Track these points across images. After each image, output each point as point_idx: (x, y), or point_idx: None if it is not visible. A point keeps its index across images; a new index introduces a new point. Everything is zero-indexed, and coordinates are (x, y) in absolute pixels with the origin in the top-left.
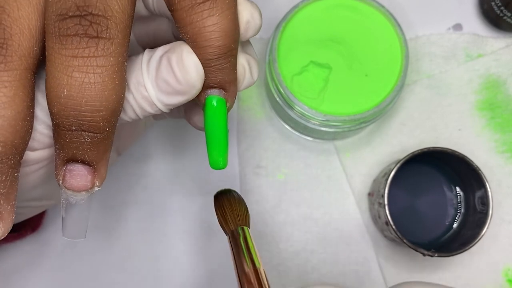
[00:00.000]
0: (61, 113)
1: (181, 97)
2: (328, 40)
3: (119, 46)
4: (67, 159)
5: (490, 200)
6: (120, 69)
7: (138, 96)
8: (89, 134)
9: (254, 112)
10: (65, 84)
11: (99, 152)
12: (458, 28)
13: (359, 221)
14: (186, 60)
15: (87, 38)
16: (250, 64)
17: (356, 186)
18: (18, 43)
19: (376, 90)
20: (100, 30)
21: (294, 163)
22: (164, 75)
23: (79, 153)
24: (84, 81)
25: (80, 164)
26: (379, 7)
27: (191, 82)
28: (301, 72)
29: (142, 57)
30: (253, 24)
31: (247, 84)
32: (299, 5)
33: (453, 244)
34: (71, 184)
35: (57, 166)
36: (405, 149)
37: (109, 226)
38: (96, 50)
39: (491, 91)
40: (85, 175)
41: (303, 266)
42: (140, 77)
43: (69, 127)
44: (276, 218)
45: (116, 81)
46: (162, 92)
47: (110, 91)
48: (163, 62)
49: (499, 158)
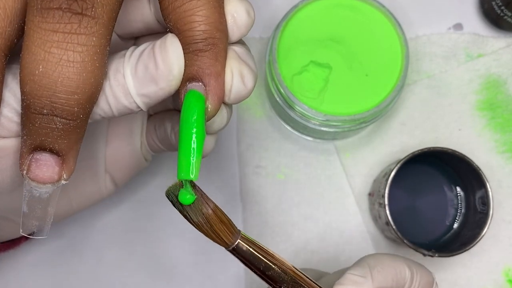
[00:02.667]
0: (33, 92)
1: (156, 86)
2: (328, 40)
3: (103, 27)
4: (34, 147)
5: (490, 200)
6: (102, 52)
7: (114, 83)
8: (61, 120)
9: (254, 111)
10: (41, 59)
11: (69, 141)
12: (458, 28)
13: (359, 221)
14: (168, 41)
15: (70, 13)
16: (242, 72)
17: (356, 186)
18: None
19: (376, 90)
20: (85, 7)
21: (294, 163)
22: (145, 60)
23: (48, 140)
24: (63, 58)
25: (48, 153)
26: (379, 6)
27: (169, 63)
28: (301, 72)
29: (127, 50)
30: (239, 20)
31: (236, 92)
32: (299, 5)
33: (454, 244)
34: (36, 175)
35: (23, 155)
36: (405, 149)
37: (109, 226)
38: (79, 27)
39: (492, 91)
40: (52, 166)
41: (303, 266)
42: (120, 64)
43: (40, 109)
44: (276, 218)
45: (96, 63)
46: (139, 79)
47: (89, 74)
48: (147, 48)
49: (499, 158)
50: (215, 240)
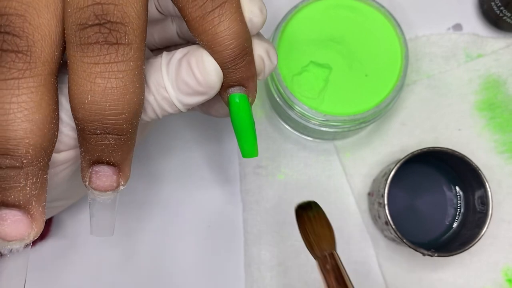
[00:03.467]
0: (86, 118)
1: (200, 98)
2: (328, 40)
3: (137, 50)
4: (93, 161)
5: (489, 200)
6: (140, 72)
7: (158, 97)
8: (113, 136)
9: (254, 112)
10: (89, 90)
11: (123, 153)
12: (458, 28)
13: (359, 221)
14: (206, 63)
15: (107, 45)
16: (268, 51)
17: (356, 186)
18: (40, 50)
19: (376, 90)
20: (119, 37)
21: (294, 163)
22: (184, 77)
23: (104, 155)
24: (107, 86)
25: (106, 165)
26: (379, 7)
27: (211, 84)
28: (301, 72)
29: (161, 59)
30: (256, 20)
31: (269, 70)
32: (299, 5)
33: (453, 244)
34: (97, 185)
35: (83, 169)
36: (405, 149)
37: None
38: (117, 56)
39: (491, 91)
40: (110, 176)
41: (303, 266)
42: (160, 78)
43: (94, 131)
44: (276, 218)
45: (137, 84)
46: (182, 93)
47: (132, 94)
48: (183, 64)
49: (499, 158)
50: (313, 246)
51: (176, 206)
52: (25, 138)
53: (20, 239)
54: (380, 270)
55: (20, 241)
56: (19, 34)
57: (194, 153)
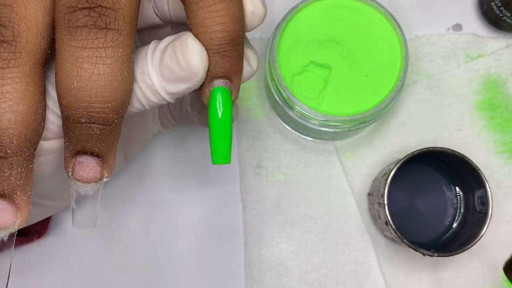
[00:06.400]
0: (71, 105)
1: (183, 85)
2: (328, 40)
3: (127, 37)
4: (76, 152)
5: (489, 200)
6: (128, 60)
7: (142, 85)
8: (98, 126)
9: (254, 112)
10: (75, 75)
11: (107, 144)
12: (458, 28)
13: (359, 221)
14: (189, 45)
15: (96, 29)
16: (247, 55)
17: (356, 186)
18: (26, 40)
19: (376, 90)
20: (109, 22)
21: (294, 163)
22: (168, 62)
23: (88, 145)
24: (94, 72)
25: (89, 156)
26: (379, 7)
27: (193, 67)
28: (301, 72)
29: (148, 47)
30: (257, 13)
31: (248, 75)
32: (299, 5)
33: (453, 244)
34: (80, 176)
35: (66, 159)
36: (405, 149)
37: (110, 226)
38: (105, 41)
39: (491, 91)
40: (94, 167)
41: (303, 266)
42: (145, 66)
43: (78, 119)
44: (276, 218)
45: (125, 72)
46: (165, 80)
47: (119, 82)
48: (167, 50)
49: (498, 158)
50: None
51: (176, 206)
52: (9, 128)
53: (4, 228)
54: (380, 270)
55: (5, 230)
56: (5, 24)
57: (194, 153)
